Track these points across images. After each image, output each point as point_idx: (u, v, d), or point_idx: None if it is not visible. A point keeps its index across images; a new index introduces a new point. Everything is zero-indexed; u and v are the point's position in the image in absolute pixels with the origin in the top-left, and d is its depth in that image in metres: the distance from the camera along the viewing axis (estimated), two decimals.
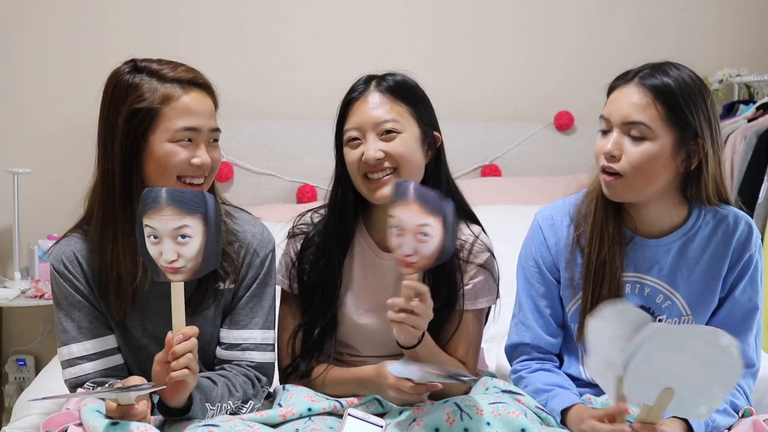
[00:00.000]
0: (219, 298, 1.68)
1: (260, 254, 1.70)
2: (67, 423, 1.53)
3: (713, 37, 3.63)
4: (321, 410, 1.63)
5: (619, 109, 1.59)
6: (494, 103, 3.52)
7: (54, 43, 3.23)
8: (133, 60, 1.63)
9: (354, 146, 1.71)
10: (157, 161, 1.57)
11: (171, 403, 1.50)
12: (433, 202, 1.48)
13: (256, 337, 1.70)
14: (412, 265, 1.50)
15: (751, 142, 3.10)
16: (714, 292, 1.66)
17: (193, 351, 1.46)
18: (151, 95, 1.57)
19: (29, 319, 3.23)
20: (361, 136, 1.70)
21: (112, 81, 1.61)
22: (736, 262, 1.66)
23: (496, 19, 3.51)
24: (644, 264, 1.68)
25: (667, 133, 1.56)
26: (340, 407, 1.65)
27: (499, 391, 1.68)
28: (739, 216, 1.68)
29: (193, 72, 1.65)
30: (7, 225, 3.20)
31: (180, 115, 1.58)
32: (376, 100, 1.71)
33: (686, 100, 1.57)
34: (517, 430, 1.49)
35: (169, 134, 1.57)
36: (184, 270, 1.47)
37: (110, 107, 1.59)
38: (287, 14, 3.38)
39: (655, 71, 1.59)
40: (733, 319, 1.66)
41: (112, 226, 1.59)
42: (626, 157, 1.57)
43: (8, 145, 3.23)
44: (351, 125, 1.71)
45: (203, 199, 1.48)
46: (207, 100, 1.65)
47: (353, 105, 1.73)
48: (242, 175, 3.24)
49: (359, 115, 1.71)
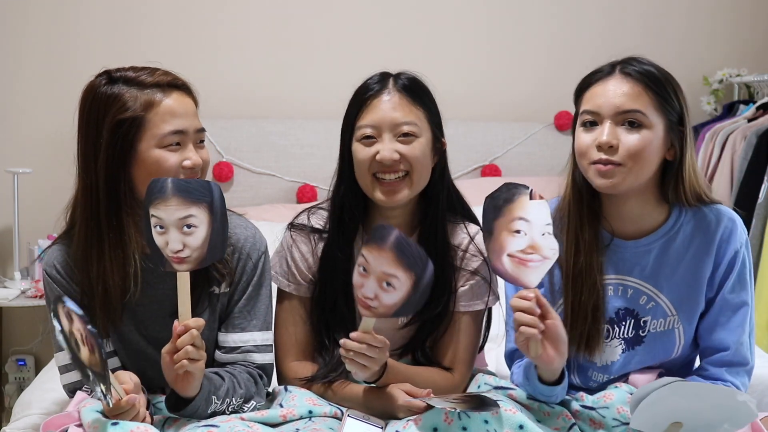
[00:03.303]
0: (214, 303, 1.68)
1: (253, 257, 1.70)
2: (67, 424, 1.53)
3: (713, 37, 3.63)
4: (322, 414, 1.62)
5: (610, 100, 1.59)
6: (494, 103, 3.52)
7: (54, 43, 3.23)
8: (107, 71, 1.61)
9: (368, 144, 1.67)
10: (147, 169, 1.56)
11: (181, 393, 1.52)
12: (411, 257, 1.44)
13: (256, 339, 1.70)
14: (370, 308, 1.49)
15: (751, 142, 3.10)
16: (698, 291, 1.65)
17: (197, 341, 1.46)
18: (133, 103, 1.55)
19: (29, 319, 3.23)
20: (377, 135, 1.67)
21: (89, 95, 1.59)
22: (721, 259, 1.64)
23: (496, 18, 3.51)
24: (625, 266, 1.66)
25: (660, 119, 1.58)
26: (341, 412, 1.63)
27: (491, 387, 1.68)
28: (722, 212, 1.66)
29: (170, 74, 1.63)
30: (7, 225, 3.21)
31: (165, 119, 1.57)
32: (395, 100, 1.68)
33: (671, 86, 1.60)
34: (515, 427, 1.49)
35: (157, 140, 1.56)
36: (190, 260, 1.48)
37: (90, 121, 1.57)
38: (287, 15, 3.38)
39: (633, 62, 1.62)
40: (724, 318, 1.65)
41: (97, 242, 1.57)
42: (623, 146, 1.57)
43: (8, 145, 3.24)
44: (366, 122, 1.68)
45: (209, 188, 1.48)
46: (188, 101, 1.64)
47: (370, 101, 1.68)
48: (242, 175, 3.24)
49: (376, 113, 1.67)
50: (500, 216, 1.53)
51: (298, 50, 3.38)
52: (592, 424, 1.62)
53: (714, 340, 1.65)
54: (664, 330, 1.66)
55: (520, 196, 1.52)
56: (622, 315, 1.67)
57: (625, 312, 1.67)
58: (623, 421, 1.60)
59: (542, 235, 1.50)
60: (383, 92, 1.69)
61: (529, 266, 1.51)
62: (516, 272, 1.51)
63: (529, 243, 1.51)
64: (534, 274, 1.51)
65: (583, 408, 1.64)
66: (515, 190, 1.53)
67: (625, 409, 1.60)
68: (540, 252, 1.50)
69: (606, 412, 1.62)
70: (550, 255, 1.50)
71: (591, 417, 1.63)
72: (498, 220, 1.53)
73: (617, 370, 1.69)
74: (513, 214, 1.52)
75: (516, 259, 1.51)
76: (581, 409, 1.64)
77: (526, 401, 1.63)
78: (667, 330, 1.66)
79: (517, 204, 1.52)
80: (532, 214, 1.50)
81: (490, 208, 1.54)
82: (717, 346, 1.65)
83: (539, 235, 1.50)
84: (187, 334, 1.45)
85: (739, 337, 1.65)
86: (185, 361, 1.45)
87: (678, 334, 1.66)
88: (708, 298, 1.66)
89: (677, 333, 1.66)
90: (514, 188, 1.53)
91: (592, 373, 1.72)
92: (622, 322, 1.67)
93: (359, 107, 1.70)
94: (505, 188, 1.54)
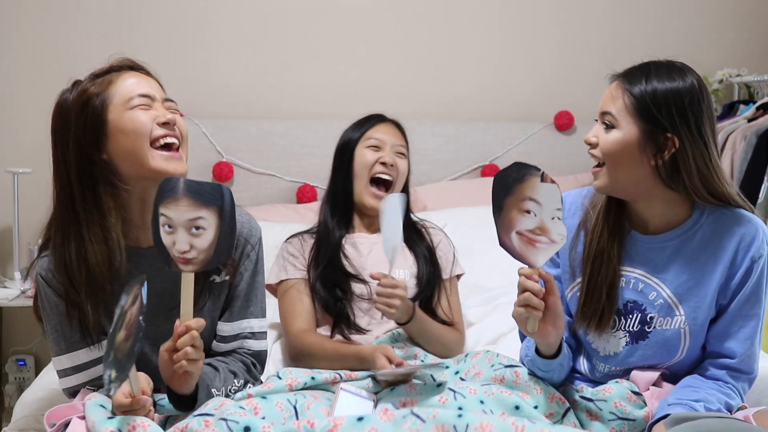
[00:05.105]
0: (215, 292, 1.68)
1: (250, 241, 1.73)
2: (70, 415, 1.54)
3: (713, 37, 3.63)
4: (323, 381, 1.76)
5: (601, 100, 1.67)
6: (494, 103, 3.52)
7: (54, 44, 3.23)
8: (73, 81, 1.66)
9: (374, 150, 2.27)
10: (124, 132, 1.57)
11: (177, 390, 1.53)
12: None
13: (253, 326, 1.73)
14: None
15: (751, 142, 3.10)
16: (709, 295, 1.64)
17: (197, 342, 1.47)
18: (94, 86, 1.60)
19: (29, 319, 3.18)
20: (381, 147, 2.27)
21: (58, 105, 1.63)
22: (738, 267, 1.63)
23: (496, 18, 3.51)
24: (638, 259, 1.69)
25: (632, 124, 1.60)
26: (340, 378, 1.76)
27: (502, 366, 1.74)
28: (745, 219, 1.65)
29: (127, 60, 1.67)
30: (7, 225, 3.21)
31: (129, 87, 1.60)
32: (396, 130, 2.34)
33: (658, 95, 1.59)
34: (510, 407, 1.57)
35: (126, 104, 1.58)
36: (195, 261, 1.48)
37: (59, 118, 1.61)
38: (287, 15, 3.38)
39: (635, 69, 1.65)
40: (734, 328, 1.65)
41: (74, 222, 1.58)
42: (600, 145, 1.64)
43: (8, 145, 3.24)
44: (377, 135, 2.28)
45: (220, 192, 1.48)
46: (150, 79, 1.67)
47: (377, 125, 2.31)
48: (242, 175, 3.24)
49: (384, 133, 2.30)
50: (510, 194, 1.56)
51: (298, 50, 3.38)
52: (588, 415, 1.65)
53: (722, 347, 1.66)
54: (669, 329, 1.66)
55: (531, 177, 1.55)
56: (630, 308, 1.68)
57: (633, 305, 1.68)
58: (619, 415, 1.62)
59: (552, 219, 1.54)
60: (388, 122, 2.34)
61: (537, 247, 1.55)
62: (523, 250, 1.57)
63: (538, 224, 1.55)
64: (541, 255, 1.56)
65: (582, 399, 1.66)
66: (526, 170, 1.56)
67: (622, 404, 1.62)
68: (548, 235, 1.54)
69: (603, 405, 1.64)
70: (558, 240, 1.54)
71: (588, 408, 1.65)
72: (508, 198, 1.56)
73: (619, 362, 1.71)
74: (524, 193, 1.55)
75: (525, 237, 1.56)
76: (580, 399, 1.67)
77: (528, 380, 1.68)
78: (673, 330, 1.66)
79: (528, 184, 1.55)
80: (544, 197, 1.54)
81: (500, 186, 1.58)
82: (724, 353, 1.66)
83: (549, 219, 1.54)
84: (187, 335, 1.46)
85: (747, 349, 1.65)
86: (184, 362, 1.46)
87: (683, 335, 1.66)
88: (720, 305, 1.66)
89: (683, 334, 1.66)
90: (525, 168, 1.56)
91: (596, 361, 1.75)
92: (630, 315, 1.68)
93: (369, 125, 2.31)
94: (516, 167, 1.57)
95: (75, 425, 1.50)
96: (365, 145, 2.26)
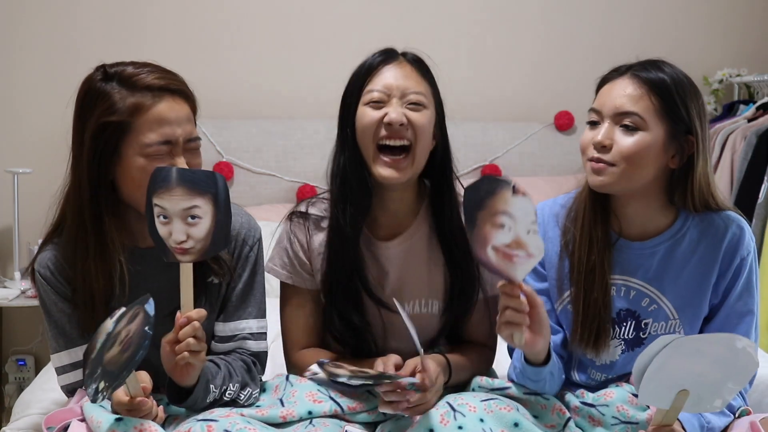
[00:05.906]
0: (212, 293, 1.68)
1: (249, 242, 1.70)
2: (68, 419, 1.54)
3: (713, 37, 3.63)
4: (321, 413, 1.62)
5: (612, 100, 1.60)
6: (494, 103, 3.52)
7: (54, 43, 3.23)
8: (104, 66, 1.57)
9: (376, 107, 1.65)
10: (131, 174, 1.53)
11: (180, 382, 1.51)
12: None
13: (252, 326, 1.70)
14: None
15: (751, 142, 3.10)
16: (702, 297, 1.64)
17: (198, 333, 1.46)
18: (121, 105, 1.51)
19: (29, 319, 3.24)
20: (385, 100, 1.65)
21: (84, 88, 1.56)
22: (727, 267, 1.63)
23: (495, 18, 3.51)
24: (630, 267, 1.66)
25: (659, 126, 1.57)
26: (341, 411, 1.63)
27: (486, 390, 1.67)
28: (730, 219, 1.65)
29: (166, 77, 1.56)
30: (7, 225, 3.21)
31: (152, 127, 1.52)
32: (407, 69, 1.69)
33: (681, 94, 1.58)
34: (510, 425, 1.50)
35: (142, 148, 1.52)
36: (193, 251, 1.47)
37: (80, 117, 1.56)
38: (286, 15, 3.38)
39: (649, 66, 1.61)
40: (729, 326, 1.64)
41: (82, 241, 1.56)
42: (617, 147, 1.57)
43: (8, 145, 3.24)
44: (377, 86, 1.66)
45: (214, 179, 1.46)
46: (182, 107, 1.58)
47: (379, 68, 1.68)
48: (242, 175, 3.24)
49: (388, 78, 1.66)
50: (482, 208, 1.49)
51: (298, 50, 3.38)
52: (590, 421, 1.63)
53: None
54: (664, 333, 1.65)
55: (502, 190, 1.47)
56: (623, 316, 1.67)
57: (627, 313, 1.67)
58: (622, 419, 1.60)
59: (527, 233, 1.47)
60: (393, 61, 1.69)
61: (514, 261, 1.48)
62: (501, 265, 1.49)
63: (514, 239, 1.48)
64: (519, 269, 1.48)
65: (583, 404, 1.64)
66: (496, 183, 1.49)
67: (624, 407, 1.60)
68: (525, 249, 1.47)
69: (605, 410, 1.62)
70: (536, 253, 1.47)
71: (590, 414, 1.63)
72: (480, 211, 1.49)
73: (616, 371, 1.69)
74: (496, 207, 1.47)
75: (501, 252, 1.48)
76: (581, 405, 1.65)
77: (523, 397, 1.63)
78: (668, 333, 1.65)
79: (499, 197, 1.47)
80: (517, 210, 1.47)
81: (471, 200, 1.50)
82: None
83: (524, 233, 1.47)
84: (189, 326, 1.45)
85: None
86: (186, 353, 1.45)
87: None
88: (712, 304, 1.66)
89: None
90: (495, 182, 1.49)
91: (591, 371, 1.72)
92: (624, 323, 1.67)
93: (368, 73, 1.68)
94: (486, 180, 1.50)
95: (75, 428, 1.50)
96: (365, 102, 1.67)
